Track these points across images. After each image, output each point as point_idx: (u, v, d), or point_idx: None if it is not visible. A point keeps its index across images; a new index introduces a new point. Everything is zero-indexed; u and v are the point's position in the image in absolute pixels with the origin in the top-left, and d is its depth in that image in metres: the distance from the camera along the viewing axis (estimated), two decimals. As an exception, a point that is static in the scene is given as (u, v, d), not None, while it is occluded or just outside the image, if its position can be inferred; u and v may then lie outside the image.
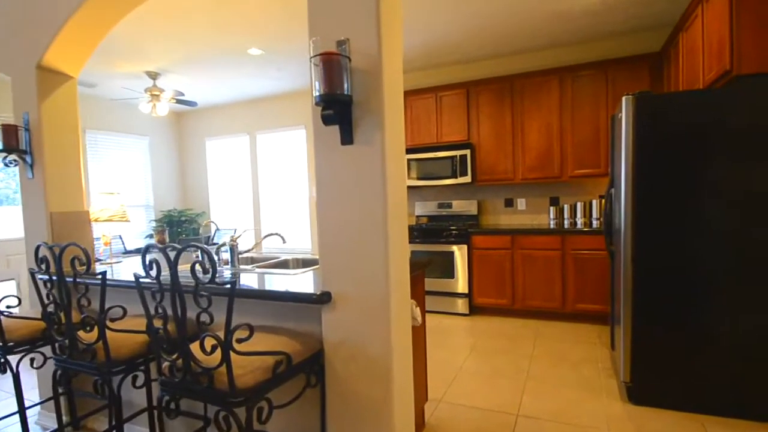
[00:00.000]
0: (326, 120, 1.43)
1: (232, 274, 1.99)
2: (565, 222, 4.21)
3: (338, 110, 1.43)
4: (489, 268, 4.12)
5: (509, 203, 4.61)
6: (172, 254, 1.35)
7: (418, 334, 2.17)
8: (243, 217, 6.29)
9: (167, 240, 4.85)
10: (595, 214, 4.07)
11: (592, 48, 4.19)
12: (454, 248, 4.22)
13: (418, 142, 4.66)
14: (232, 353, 1.32)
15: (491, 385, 2.68)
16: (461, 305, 4.22)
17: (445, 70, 4.84)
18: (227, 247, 2.14)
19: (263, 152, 6.03)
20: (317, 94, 1.41)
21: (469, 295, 4.20)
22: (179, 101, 4.85)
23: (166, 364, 1.40)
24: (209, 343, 1.32)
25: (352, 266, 1.52)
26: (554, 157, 4.09)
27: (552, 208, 4.28)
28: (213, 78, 4.89)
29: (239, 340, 1.34)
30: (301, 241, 5.81)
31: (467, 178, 4.36)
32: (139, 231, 6.02)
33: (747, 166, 2.13)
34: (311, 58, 1.41)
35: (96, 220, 2.81)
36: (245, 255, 2.80)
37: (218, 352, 1.31)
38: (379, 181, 1.45)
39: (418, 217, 4.95)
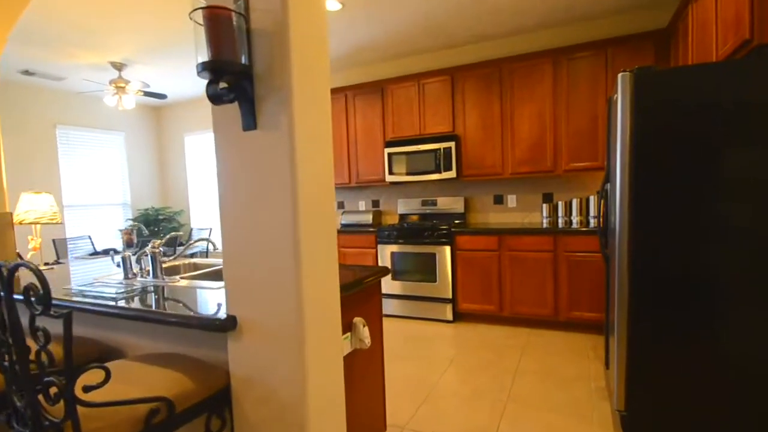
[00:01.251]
0: (214, 97, 1.10)
1: (141, 287, 1.67)
2: (560, 220, 3.85)
3: (233, 85, 1.10)
4: (474, 271, 3.77)
5: (498, 200, 4.26)
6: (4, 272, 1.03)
7: (374, 355, 1.84)
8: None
9: (135, 240, 4.56)
10: (592, 212, 3.71)
11: (589, 27, 3.81)
12: (436, 250, 3.88)
13: (399, 134, 4.32)
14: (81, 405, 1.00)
15: (467, 408, 2.35)
16: (444, 311, 3.88)
17: (428, 56, 4.48)
18: (149, 254, 1.82)
19: (242, 147, 5.70)
20: (200, 61, 1.07)
21: (452, 301, 3.87)
22: (147, 93, 4.54)
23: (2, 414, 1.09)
24: (53, 389, 1.01)
25: (259, 285, 1.19)
26: (547, 149, 3.73)
27: (545, 206, 3.92)
28: (181, 68, 4.57)
29: (87, 388, 1.01)
30: (282, 240, 5.49)
31: (452, 173, 4.01)
32: (116, 231, 5.73)
33: None
34: (191, 14, 1.07)
35: (20, 223, 2.50)
36: (191, 261, 2.48)
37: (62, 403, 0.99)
38: (286, 177, 1.12)
39: (401, 215, 4.61)
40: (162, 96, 4.65)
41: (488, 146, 3.94)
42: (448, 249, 3.83)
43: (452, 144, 3.99)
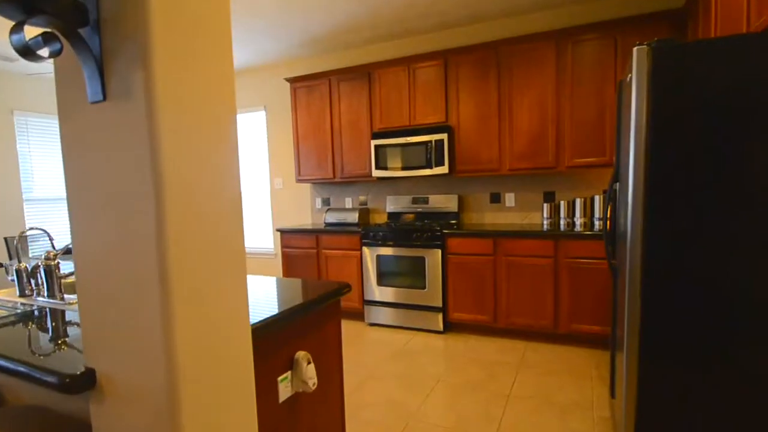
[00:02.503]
0: (22, 49, 0.72)
1: (21, 313, 1.31)
2: (561, 222, 3.48)
3: (64, 30, 0.73)
4: (467, 277, 3.41)
5: (495, 198, 3.88)
6: None
7: (328, 398, 1.48)
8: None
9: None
10: (597, 213, 3.33)
11: (596, 6, 3.41)
12: (425, 253, 3.51)
13: (388, 124, 3.93)
14: None
15: (449, 446, 2.00)
16: (434, 321, 3.52)
17: (419, 39, 4.09)
18: (41, 267, 1.46)
19: (223, 138, 5.32)
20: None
21: (443, 310, 3.50)
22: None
23: None
24: None
25: (121, 326, 0.83)
26: (549, 143, 3.35)
27: (546, 205, 3.54)
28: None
29: None
30: (264, 239, 5.14)
31: (443, 168, 3.63)
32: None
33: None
34: None
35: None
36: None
37: None
38: (146, 170, 0.75)
39: (390, 214, 4.24)
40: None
41: (484, 139, 3.56)
42: (438, 253, 3.46)
43: (444, 136, 3.61)
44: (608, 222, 2.38)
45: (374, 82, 3.96)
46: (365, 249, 3.77)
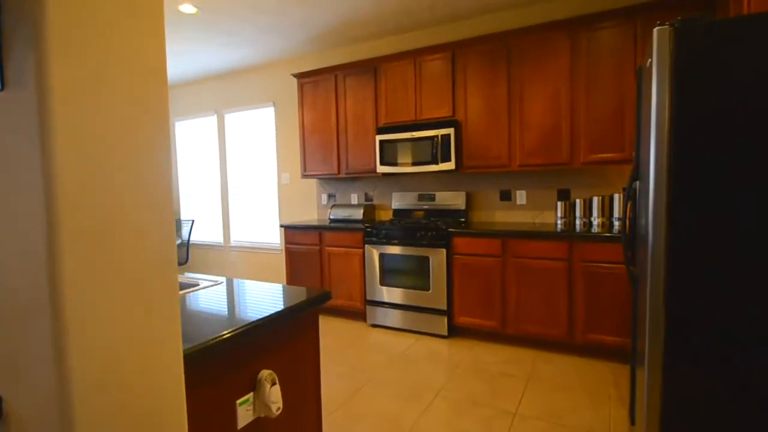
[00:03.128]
0: None
1: None
2: (577, 221, 3.26)
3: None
4: (474, 279, 3.23)
5: (506, 196, 3.68)
6: None
7: (299, 424, 1.35)
8: (211, 205, 5.58)
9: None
10: (616, 213, 3.10)
11: (617, -9, 3.17)
12: (430, 253, 3.35)
13: (394, 119, 3.77)
14: None
15: (444, 465, 1.85)
16: (438, 325, 3.36)
17: (426, 32, 3.91)
18: None
19: (231, 133, 5.27)
20: None
21: (448, 313, 3.34)
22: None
23: None
24: None
25: (14, 352, 0.71)
26: (563, 138, 3.13)
27: (560, 204, 3.33)
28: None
29: None
30: (271, 234, 5.06)
31: (450, 164, 3.45)
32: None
33: None
34: None
35: None
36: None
37: None
38: (35, 167, 0.62)
39: (395, 211, 4.09)
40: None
41: (493, 134, 3.37)
42: (443, 252, 3.30)
43: (451, 130, 3.43)
44: (627, 224, 2.18)
45: (380, 76, 3.81)
46: (368, 247, 3.63)
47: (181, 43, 4.03)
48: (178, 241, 4.48)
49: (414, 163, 3.60)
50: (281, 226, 4.12)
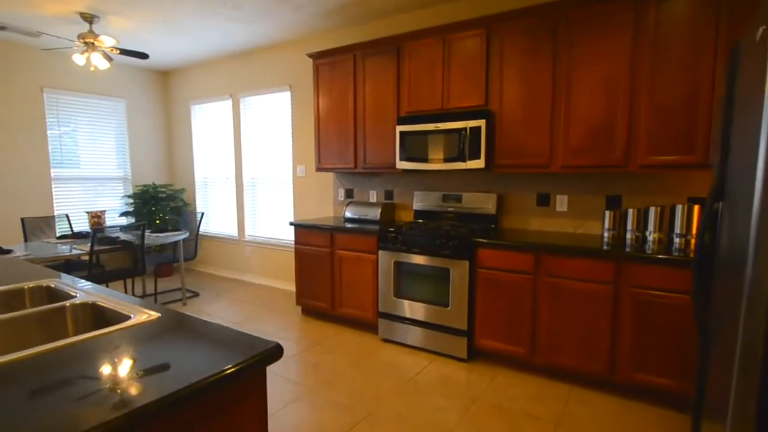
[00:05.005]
0: None
1: None
2: (628, 235, 2.74)
3: None
4: (500, 298, 2.79)
5: (544, 200, 3.18)
6: None
7: None
8: (226, 196, 5.35)
9: (105, 223, 4.03)
10: (678, 228, 2.55)
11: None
12: (451, 264, 2.93)
13: (417, 108, 3.33)
14: None
15: None
16: (457, 346, 2.95)
17: (458, 5, 3.40)
18: None
19: (247, 120, 4.98)
20: None
21: (468, 333, 2.92)
22: (123, 52, 3.88)
23: None
24: None
25: None
26: (617, 134, 2.60)
27: (608, 213, 2.81)
28: (162, 22, 3.84)
29: None
30: (286, 230, 4.77)
31: (479, 162, 2.98)
32: (111, 207, 5.31)
33: None
34: None
35: None
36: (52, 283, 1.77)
37: None
38: None
39: (416, 212, 3.67)
40: (142, 55, 3.97)
41: (532, 127, 2.86)
42: (466, 265, 2.86)
43: (482, 122, 2.95)
44: (701, 250, 1.69)
45: (403, 57, 3.36)
46: (382, 253, 3.24)
47: (183, 16, 3.72)
48: (185, 235, 4.26)
49: (437, 160, 3.16)
50: (291, 223, 3.79)
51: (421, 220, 3.56)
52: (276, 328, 3.61)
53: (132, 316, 1.27)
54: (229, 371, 0.92)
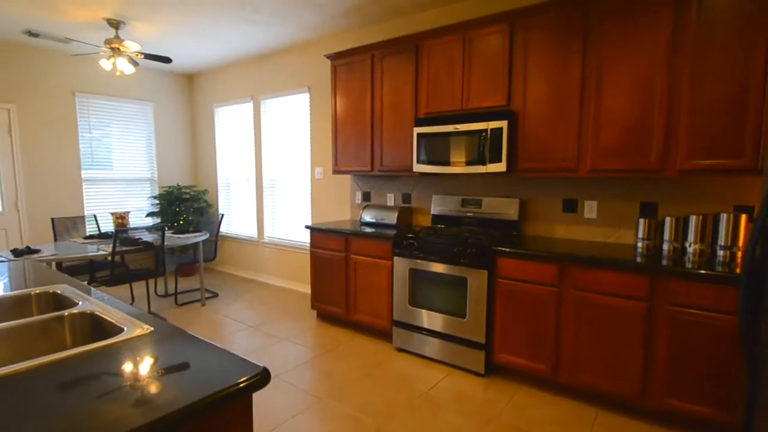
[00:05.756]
0: None
1: None
2: (665, 246, 2.51)
3: None
4: (521, 311, 2.61)
5: (571, 206, 2.98)
6: None
7: None
8: (246, 197, 5.37)
9: (129, 224, 4.09)
10: (722, 240, 2.31)
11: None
12: (468, 273, 2.77)
13: (436, 108, 3.19)
14: None
15: None
16: (474, 360, 2.79)
17: (477, 1, 3.24)
18: None
19: (267, 121, 4.97)
20: None
21: (486, 347, 2.76)
22: (148, 56, 3.93)
23: None
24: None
25: None
26: (653, 135, 2.38)
27: (643, 221, 2.58)
28: (192, 26, 3.87)
29: None
30: (304, 232, 4.72)
31: (500, 166, 2.82)
32: (138, 208, 5.43)
33: None
34: None
35: None
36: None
37: None
38: None
39: (434, 216, 3.53)
40: (165, 59, 4.02)
41: (558, 128, 2.67)
42: (484, 275, 2.71)
43: (504, 123, 2.79)
44: (750, 265, 1.49)
45: (422, 56, 3.23)
46: (397, 260, 3.12)
47: (204, 20, 3.73)
48: (205, 236, 4.28)
49: (456, 163, 3.01)
50: (306, 227, 3.74)
51: (439, 226, 3.42)
52: (291, 333, 3.55)
53: (125, 329, 1.22)
54: (208, 400, 0.83)
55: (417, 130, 3.19)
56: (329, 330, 3.62)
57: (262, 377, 0.95)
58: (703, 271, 2.04)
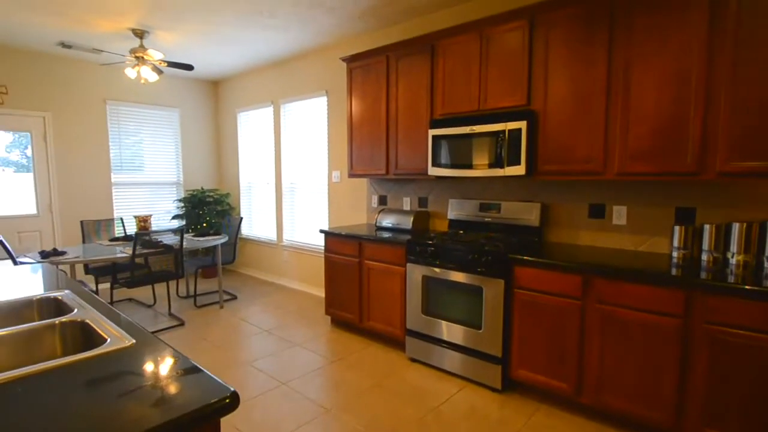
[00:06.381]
0: None
1: None
2: (703, 257, 2.27)
3: None
4: (540, 324, 2.44)
5: (597, 212, 2.77)
6: None
7: None
8: (266, 200, 5.39)
9: (151, 227, 4.16)
10: (770, 250, 2.06)
11: None
12: (484, 282, 2.62)
13: (452, 109, 3.06)
14: None
15: None
16: (490, 374, 2.63)
17: (499, -5, 3.10)
18: None
19: (287, 125, 4.97)
20: None
21: (503, 361, 2.59)
22: (171, 64, 4.00)
23: None
24: None
25: None
26: (689, 134, 2.16)
27: (678, 228, 2.36)
28: (205, 34, 3.91)
29: None
30: (320, 235, 4.67)
31: (518, 168, 2.65)
32: (165, 211, 5.56)
33: None
34: None
35: None
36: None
37: None
38: None
39: (451, 221, 3.38)
40: (188, 67, 4.08)
41: (581, 128, 2.49)
42: (500, 284, 2.54)
43: (523, 124, 2.62)
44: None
45: (437, 56, 3.11)
46: (410, 266, 3.01)
47: (224, 27, 3.75)
48: (224, 239, 4.31)
49: (472, 166, 2.87)
50: (320, 231, 3.68)
51: (455, 231, 3.28)
52: (304, 338, 3.49)
53: (108, 340, 1.17)
54: (164, 427, 0.76)
55: (432, 132, 3.07)
56: (342, 336, 3.53)
57: (230, 402, 0.87)
58: (748, 287, 1.82)
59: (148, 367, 0.99)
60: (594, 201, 2.77)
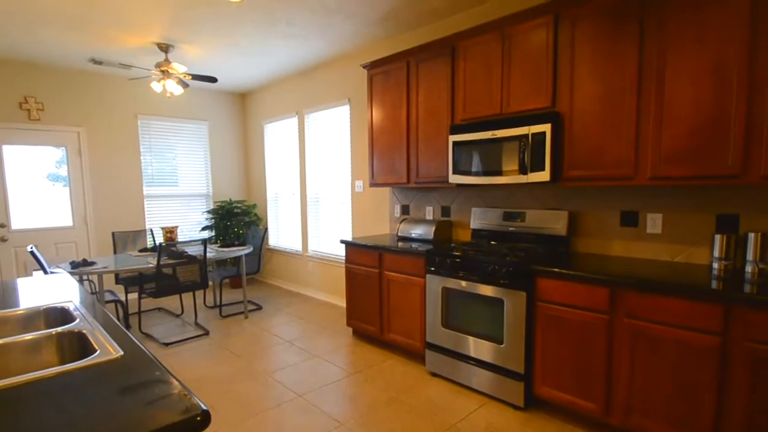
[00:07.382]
0: None
1: None
2: (748, 268, 2.07)
3: None
4: (565, 339, 2.28)
5: (630, 220, 2.59)
6: None
7: None
8: (291, 211, 5.44)
9: (177, 238, 4.26)
10: (828, 261, 1.84)
11: None
12: (505, 295, 2.49)
13: (473, 114, 2.97)
14: None
15: None
16: (512, 391, 2.48)
17: (519, -4, 2.99)
18: None
19: (311, 135, 5.01)
20: None
21: (526, 378, 2.44)
22: (195, 77, 4.12)
23: None
24: None
25: None
26: (730, 134, 1.98)
27: (719, 237, 2.16)
28: (228, 47, 4.01)
29: None
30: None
31: (543, 174, 2.52)
32: (195, 222, 5.72)
33: None
34: None
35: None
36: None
37: None
38: None
39: (474, 231, 3.27)
40: (211, 79, 4.19)
41: (611, 129, 2.34)
42: (523, 297, 2.41)
43: (547, 127, 2.50)
44: None
45: (458, 58, 3.03)
46: (430, 277, 2.91)
47: (245, 38, 3.82)
48: (248, 250, 4.36)
49: (494, 173, 2.76)
50: (341, 241, 3.64)
51: (477, 241, 3.16)
52: (324, 350, 3.45)
53: (98, 351, 1.16)
54: None
55: (453, 138, 2.99)
56: (363, 348, 3.47)
57: (201, 420, 0.82)
58: (800, 302, 1.62)
59: (127, 380, 0.96)
60: (627, 208, 2.59)
